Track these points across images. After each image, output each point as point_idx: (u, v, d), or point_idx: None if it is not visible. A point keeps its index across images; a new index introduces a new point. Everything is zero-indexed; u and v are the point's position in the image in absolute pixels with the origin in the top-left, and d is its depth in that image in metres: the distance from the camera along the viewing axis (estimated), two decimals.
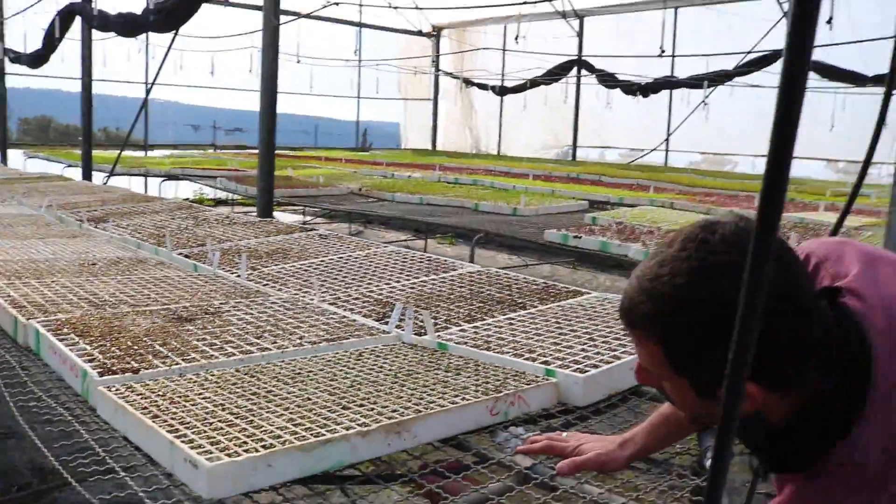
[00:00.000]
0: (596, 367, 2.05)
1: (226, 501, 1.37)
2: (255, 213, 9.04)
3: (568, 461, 1.50)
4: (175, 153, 15.02)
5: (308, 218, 10.10)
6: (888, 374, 0.98)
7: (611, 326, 2.47)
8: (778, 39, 11.16)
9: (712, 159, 15.94)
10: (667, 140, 15.37)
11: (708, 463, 1.56)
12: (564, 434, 1.65)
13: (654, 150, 15.60)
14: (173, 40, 8.91)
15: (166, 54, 9.00)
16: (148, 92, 10.12)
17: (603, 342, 2.29)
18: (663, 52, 12.29)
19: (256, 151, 6.57)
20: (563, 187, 9.23)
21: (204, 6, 8.06)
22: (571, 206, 7.60)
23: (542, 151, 18.33)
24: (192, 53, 13.33)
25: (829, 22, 8.51)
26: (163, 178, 10.31)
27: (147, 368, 1.89)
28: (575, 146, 17.56)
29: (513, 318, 2.63)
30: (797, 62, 0.74)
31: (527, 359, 2.14)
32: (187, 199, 13.72)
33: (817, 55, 10.41)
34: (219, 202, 13.04)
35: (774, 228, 0.72)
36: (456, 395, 1.82)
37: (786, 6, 9.58)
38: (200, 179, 9.80)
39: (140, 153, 15.14)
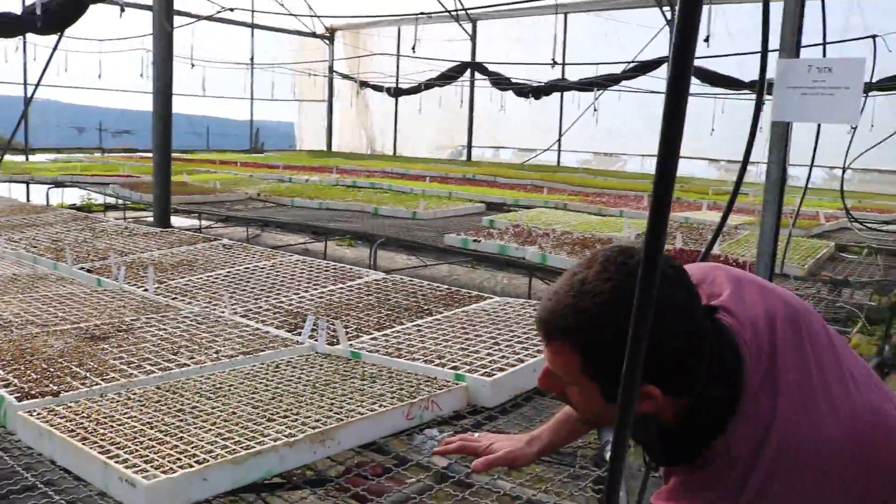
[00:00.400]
0: (502, 370, 2.20)
1: None
2: (149, 219, 8.80)
3: (481, 460, 1.64)
4: (60, 158, 14.43)
5: (205, 223, 9.94)
6: (753, 381, 1.17)
7: (513, 330, 2.63)
8: (661, 46, 11.76)
9: (603, 159, 16.55)
10: (559, 140, 15.85)
11: (608, 455, 1.73)
12: (476, 434, 1.79)
13: (547, 150, 16.06)
14: (58, 42, 8.59)
15: (50, 57, 8.66)
16: (29, 101, 9.69)
17: (507, 346, 2.45)
18: (555, 62, 12.75)
19: (148, 155, 6.47)
20: (460, 189, 9.43)
21: (92, 6, 7.81)
22: (469, 209, 7.79)
23: (437, 151, 18.56)
24: (77, 54, 12.85)
25: (706, 40, 9.04)
26: (50, 186, 9.91)
27: (67, 390, 1.92)
28: (470, 146, 17.89)
29: (420, 325, 2.75)
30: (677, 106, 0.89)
31: (437, 364, 2.27)
32: (74, 204, 13.21)
33: (698, 63, 11.05)
34: (109, 207, 12.62)
35: (659, 255, 0.87)
36: (373, 403, 1.93)
37: (668, 14, 10.13)
38: (91, 187, 9.48)
39: (20, 158, 14.46)
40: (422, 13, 13.38)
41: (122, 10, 6.96)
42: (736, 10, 11.56)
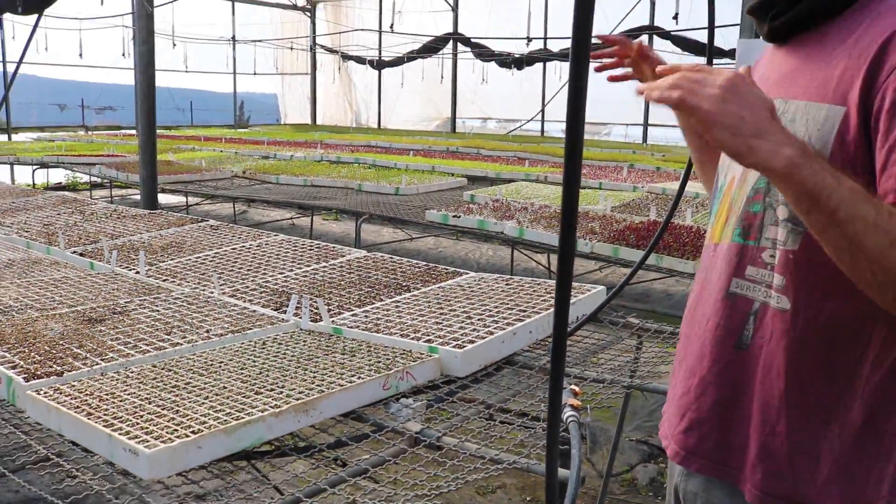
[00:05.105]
0: (472, 342, 2.38)
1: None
2: (136, 196, 8.87)
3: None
4: (43, 136, 14.45)
5: (192, 199, 10.06)
6: None
7: (485, 304, 2.80)
8: (642, 15, 11.89)
9: (587, 128, 16.64)
10: (542, 111, 15.98)
11: (564, 415, 1.90)
12: None
13: (530, 120, 16.19)
14: (38, 22, 8.60)
15: (29, 39, 8.67)
16: (11, 82, 9.70)
17: (479, 319, 2.62)
18: (529, 39, 12.96)
19: (132, 132, 6.57)
20: (443, 163, 9.57)
21: None
22: (451, 183, 7.95)
23: (423, 123, 18.66)
24: (57, 32, 12.84)
25: (675, 17, 9.19)
26: (35, 167, 9.97)
27: (70, 370, 2.08)
28: (454, 118, 17.99)
29: (399, 301, 2.92)
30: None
31: (412, 338, 2.44)
32: (59, 183, 13.25)
33: (677, 32, 11.19)
34: (94, 186, 12.69)
35: None
36: (353, 375, 2.11)
37: None
38: (78, 167, 9.56)
39: (3, 137, 14.47)
40: None
41: None
42: None
